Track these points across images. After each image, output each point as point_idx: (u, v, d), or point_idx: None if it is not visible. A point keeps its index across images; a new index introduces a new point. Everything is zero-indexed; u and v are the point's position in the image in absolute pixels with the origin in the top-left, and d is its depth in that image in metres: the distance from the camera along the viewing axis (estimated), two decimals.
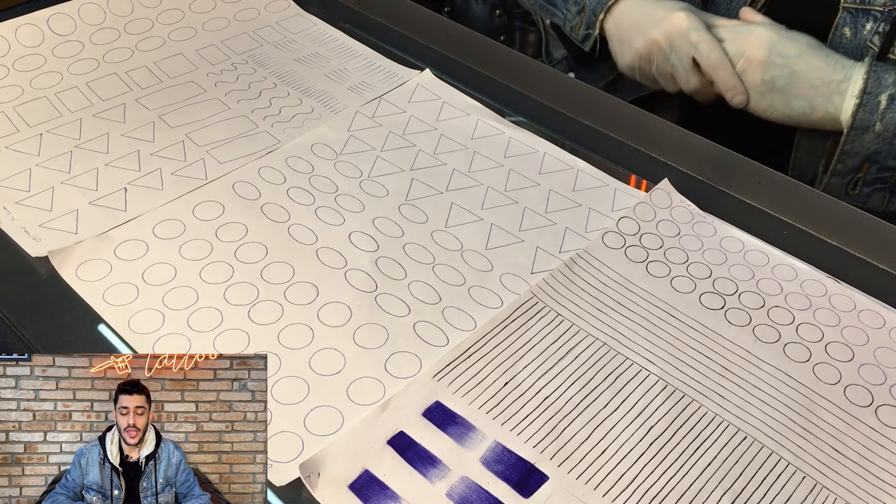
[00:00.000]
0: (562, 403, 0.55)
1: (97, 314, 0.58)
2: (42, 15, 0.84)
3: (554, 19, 0.89)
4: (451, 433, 0.53)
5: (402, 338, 0.58)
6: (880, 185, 0.77)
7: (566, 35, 0.88)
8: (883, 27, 0.74)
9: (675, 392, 0.56)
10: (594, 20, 0.82)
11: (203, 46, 0.86)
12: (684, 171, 0.75)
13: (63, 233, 0.64)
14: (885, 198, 0.78)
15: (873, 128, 0.71)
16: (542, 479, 0.51)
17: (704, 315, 0.62)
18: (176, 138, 0.74)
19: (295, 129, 0.76)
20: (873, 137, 0.72)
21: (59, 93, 0.78)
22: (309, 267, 0.63)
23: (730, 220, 0.70)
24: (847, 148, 0.74)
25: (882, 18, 0.74)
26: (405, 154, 0.75)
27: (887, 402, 0.57)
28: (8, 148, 0.71)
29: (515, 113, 0.81)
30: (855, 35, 0.75)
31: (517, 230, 0.68)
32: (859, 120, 0.71)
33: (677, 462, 0.52)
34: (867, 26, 0.74)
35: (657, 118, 0.76)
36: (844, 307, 0.63)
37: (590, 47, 0.84)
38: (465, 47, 0.86)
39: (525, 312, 0.60)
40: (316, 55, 0.87)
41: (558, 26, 0.89)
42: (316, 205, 0.68)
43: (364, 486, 0.50)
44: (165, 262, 0.62)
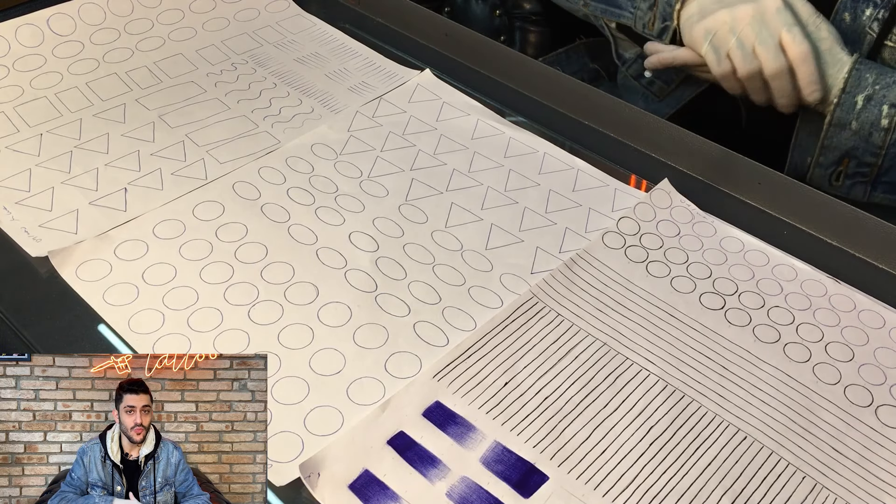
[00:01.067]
0: (562, 403, 0.55)
1: (97, 314, 0.58)
2: (42, 15, 0.84)
3: (622, 20, 0.88)
4: (451, 433, 0.53)
5: (402, 338, 0.58)
6: (861, 179, 0.79)
7: (637, 34, 0.87)
8: (882, 14, 0.74)
9: (675, 392, 0.56)
10: (670, 11, 0.81)
11: (203, 46, 0.86)
12: (684, 171, 0.75)
13: (63, 233, 0.64)
14: (867, 190, 0.80)
15: (850, 126, 0.75)
16: (542, 479, 0.51)
17: (704, 315, 0.62)
18: (176, 138, 0.74)
19: (295, 129, 0.76)
20: (850, 135, 0.76)
21: (59, 93, 0.78)
22: (309, 267, 0.63)
23: (730, 220, 0.70)
24: (826, 143, 0.77)
25: (882, 5, 0.75)
26: (405, 154, 0.75)
27: (887, 402, 0.57)
28: (8, 148, 0.71)
29: (515, 113, 0.81)
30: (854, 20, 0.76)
31: (517, 230, 0.68)
32: (836, 118, 0.75)
33: (677, 462, 0.52)
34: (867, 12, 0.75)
35: (657, 118, 0.76)
36: (844, 307, 0.63)
37: (668, 39, 0.83)
38: (465, 47, 0.86)
39: (525, 312, 0.60)
40: (316, 55, 0.87)
41: (627, 27, 0.88)
42: (316, 205, 0.68)
43: (364, 486, 0.50)
44: (165, 262, 0.62)
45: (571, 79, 0.80)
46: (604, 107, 0.79)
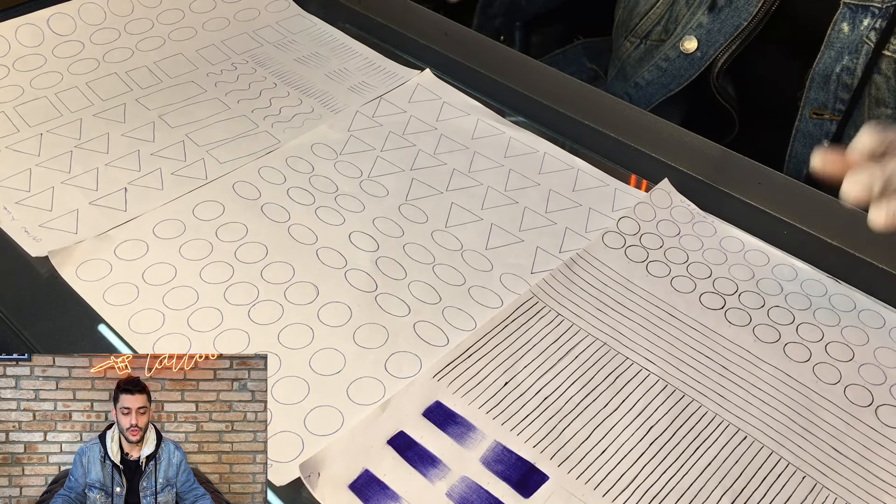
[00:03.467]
0: (562, 403, 0.55)
1: (97, 314, 0.58)
2: (42, 15, 0.84)
3: None
4: (451, 433, 0.53)
5: (402, 338, 0.58)
6: None
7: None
8: (880, 23, 0.74)
9: (675, 392, 0.56)
10: None
11: (203, 46, 0.86)
12: (684, 171, 0.75)
13: (63, 233, 0.64)
14: None
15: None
16: (542, 478, 0.51)
17: (704, 315, 0.62)
18: (176, 138, 0.74)
19: (295, 129, 0.76)
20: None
21: (59, 93, 0.78)
22: (309, 267, 0.63)
23: (730, 220, 0.70)
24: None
25: (879, 14, 0.74)
26: (405, 154, 0.75)
27: (887, 402, 0.57)
28: (8, 148, 0.71)
29: (515, 113, 0.81)
30: (852, 30, 0.76)
31: (517, 230, 0.68)
32: None
33: (677, 462, 0.52)
34: (864, 22, 0.75)
35: (657, 118, 0.76)
36: (844, 307, 0.63)
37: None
38: (465, 47, 0.86)
39: (525, 312, 0.60)
40: (316, 55, 0.87)
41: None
42: (316, 205, 0.68)
43: (364, 485, 0.50)
44: (165, 262, 0.62)
45: (571, 79, 0.80)
46: (604, 107, 0.79)
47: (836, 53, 0.77)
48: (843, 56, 0.76)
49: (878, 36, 0.74)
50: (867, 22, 0.75)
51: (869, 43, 0.75)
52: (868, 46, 0.75)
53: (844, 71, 0.76)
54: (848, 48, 0.76)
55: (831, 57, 0.77)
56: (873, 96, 0.76)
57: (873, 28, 0.74)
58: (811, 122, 0.79)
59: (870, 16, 0.75)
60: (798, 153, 0.82)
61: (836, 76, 0.77)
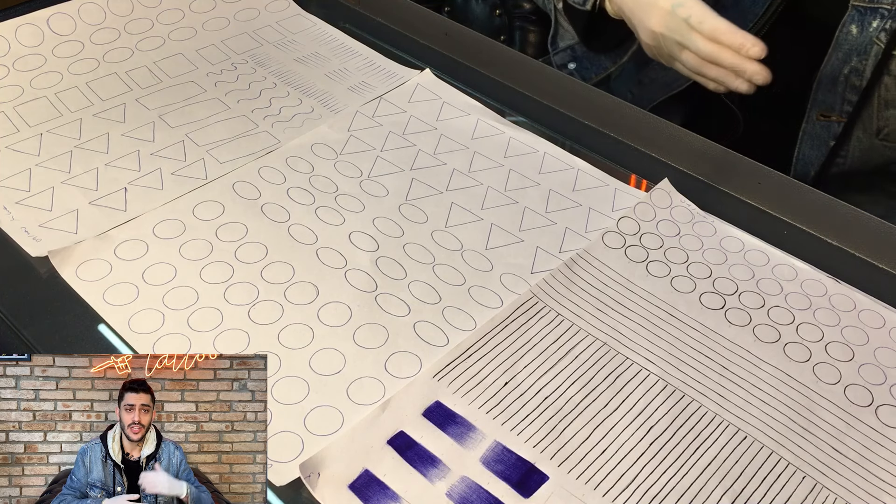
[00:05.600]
0: (562, 403, 0.55)
1: (97, 314, 0.58)
2: (42, 15, 0.84)
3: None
4: (451, 433, 0.53)
5: (402, 338, 0.58)
6: None
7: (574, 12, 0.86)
8: (890, 24, 0.74)
9: (675, 392, 0.56)
10: None
11: (203, 46, 0.86)
12: (684, 171, 0.75)
13: (63, 233, 0.64)
14: None
15: None
16: (542, 478, 0.51)
17: (704, 315, 0.62)
18: (176, 138, 0.74)
19: (295, 129, 0.76)
20: None
21: (59, 93, 0.78)
22: (309, 267, 0.63)
23: (730, 220, 0.70)
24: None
25: (889, 16, 0.74)
26: (405, 154, 0.75)
27: (887, 402, 0.57)
28: (8, 148, 0.71)
29: (515, 113, 0.81)
30: (861, 32, 0.75)
31: (517, 230, 0.68)
32: None
33: (677, 462, 0.52)
34: (874, 24, 0.75)
35: (657, 118, 0.76)
36: (844, 307, 0.63)
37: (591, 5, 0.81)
38: (465, 47, 0.86)
39: (525, 312, 0.60)
40: (316, 55, 0.87)
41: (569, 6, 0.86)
42: (316, 205, 0.68)
43: (364, 485, 0.50)
44: (165, 262, 0.62)
45: (571, 79, 0.80)
46: (604, 107, 0.79)
47: (844, 55, 0.76)
48: (851, 58, 0.76)
49: (888, 37, 0.74)
50: (876, 23, 0.75)
51: (879, 44, 0.75)
52: (878, 48, 0.75)
53: (853, 72, 0.76)
54: (857, 50, 0.76)
55: (839, 58, 0.77)
56: (882, 98, 0.76)
57: (883, 29, 0.74)
58: (818, 123, 0.79)
59: (879, 17, 0.75)
60: (805, 155, 0.82)
61: (845, 78, 0.77)
